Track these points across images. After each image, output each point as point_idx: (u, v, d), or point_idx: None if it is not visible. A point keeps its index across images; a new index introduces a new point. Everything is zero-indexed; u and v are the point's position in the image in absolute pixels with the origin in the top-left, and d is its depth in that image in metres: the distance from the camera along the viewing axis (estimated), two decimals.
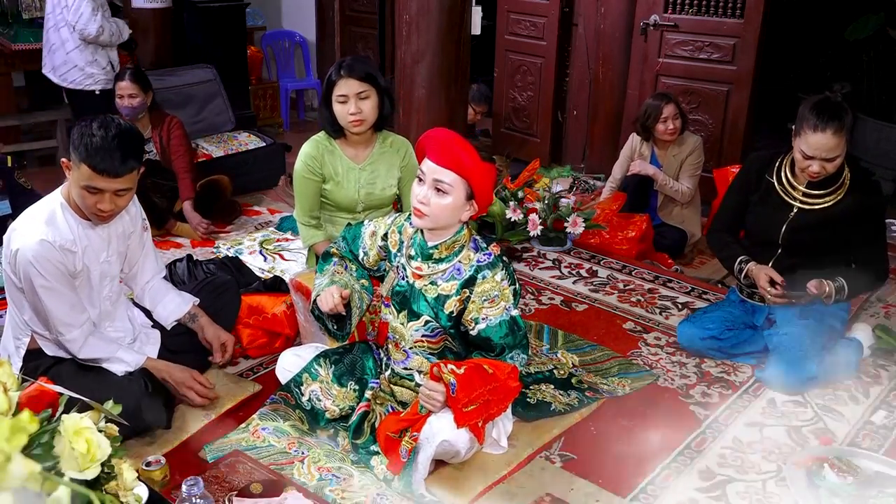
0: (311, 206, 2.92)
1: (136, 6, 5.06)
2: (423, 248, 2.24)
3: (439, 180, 2.10)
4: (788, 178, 2.72)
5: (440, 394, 2.08)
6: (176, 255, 3.44)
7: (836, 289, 2.66)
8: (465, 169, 2.09)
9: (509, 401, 2.18)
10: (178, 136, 4.03)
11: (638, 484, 2.20)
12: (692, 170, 3.86)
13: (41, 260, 2.17)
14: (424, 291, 2.23)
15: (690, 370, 2.80)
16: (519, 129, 5.26)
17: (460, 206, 2.13)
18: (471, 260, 2.20)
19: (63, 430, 1.28)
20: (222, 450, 2.25)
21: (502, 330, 2.18)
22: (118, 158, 2.11)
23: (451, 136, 2.13)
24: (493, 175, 2.19)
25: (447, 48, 3.84)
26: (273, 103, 6.10)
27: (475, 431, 2.11)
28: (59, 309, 2.24)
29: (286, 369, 2.48)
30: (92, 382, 2.22)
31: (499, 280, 2.18)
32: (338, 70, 2.73)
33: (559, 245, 3.82)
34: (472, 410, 2.06)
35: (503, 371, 2.12)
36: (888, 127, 4.51)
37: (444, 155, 2.09)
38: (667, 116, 3.76)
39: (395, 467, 2.12)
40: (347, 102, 2.72)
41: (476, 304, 2.18)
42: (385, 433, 2.19)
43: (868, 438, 2.44)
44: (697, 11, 4.31)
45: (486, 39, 5.13)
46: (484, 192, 2.15)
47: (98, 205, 2.17)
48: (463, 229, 2.22)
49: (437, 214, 2.13)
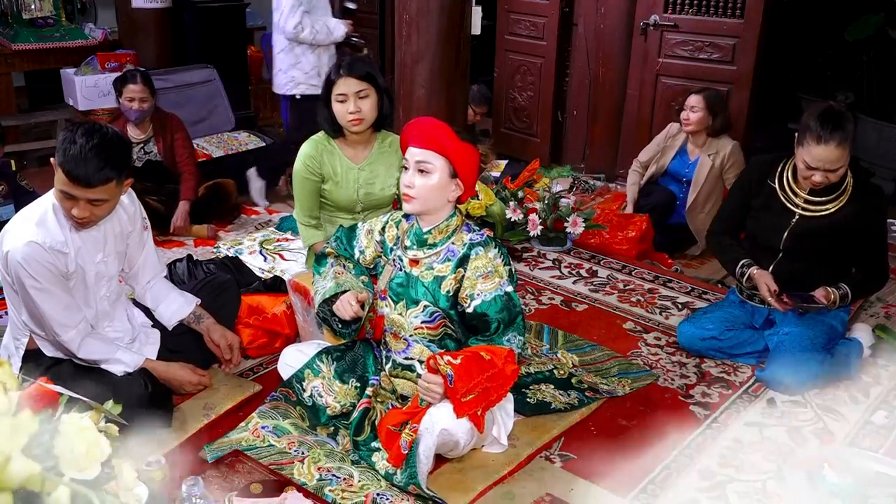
0: (310, 207, 2.92)
1: (136, 6, 5.07)
2: (418, 236, 2.29)
3: (421, 161, 2.18)
4: (790, 185, 2.72)
5: (438, 385, 2.09)
6: (176, 255, 3.44)
7: (841, 296, 2.68)
8: (444, 147, 2.17)
9: (508, 386, 2.17)
10: (181, 137, 4.04)
11: (638, 484, 2.20)
12: None
13: (30, 261, 2.16)
14: (421, 277, 2.27)
15: (690, 370, 2.80)
16: (519, 129, 5.26)
17: (445, 184, 2.19)
18: (464, 240, 2.26)
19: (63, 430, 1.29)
20: (222, 450, 2.25)
21: (497, 304, 2.20)
22: (93, 168, 2.07)
23: (427, 120, 2.24)
24: (473, 153, 2.25)
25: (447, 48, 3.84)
26: (273, 103, 6.08)
27: (475, 420, 2.11)
28: (53, 310, 2.23)
29: (288, 364, 2.49)
30: (92, 382, 2.22)
31: (492, 257, 2.23)
32: (337, 69, 2.74)
33: (559, 245, 3.82)
34: (471, 400, 2.07)
35: (500, 356, 2.13)
36: (888, 127, 4.52)
37: (421, 137, 2.19)
38: (688, 105, 3.78)
39: (397, 460, 2.12)
40: (347, 101, 2.72)
41: (470, 280, 2.21)
42: (386, 427, 2.19)
43: (868, 438, 2.44)
44: (697, 11, 4.30)
45: (486, 39, 5.13)
46: (467, 168, 2.21)
47: (73, 210, 2.14)
48: (455, 214, 2.28)
49: (424, 196, 2.19)
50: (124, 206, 2.40)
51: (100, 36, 5.31)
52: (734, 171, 3.74)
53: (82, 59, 5.00)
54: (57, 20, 5.27)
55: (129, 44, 5.24)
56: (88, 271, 2.32)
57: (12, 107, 5.15)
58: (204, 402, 2.49)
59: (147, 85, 3.86)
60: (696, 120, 3.77)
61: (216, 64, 4.97)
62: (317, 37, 4.12)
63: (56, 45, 5.16)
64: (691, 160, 3.89)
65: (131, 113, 3.87)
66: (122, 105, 3.87)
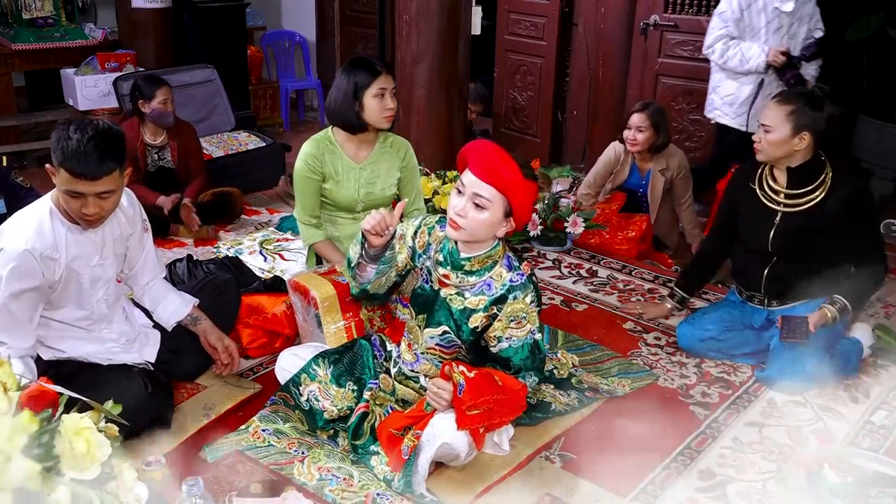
0: (311, 206, 2.92)
1: (136, 6, 5.07)
2: (454, 258, 2.19)
3: (479, 195, 2.05)
4: (769, 183, 2.73)
5: (447, 392, 2.08)
6: (176, 255, 3.44)
7: (839, 310, 2.64)
8: (507, 186, 2.04)
9: (513, 416, 2.19)
10: (196, 147, 4.09)
11: (638, 484, 2.20)
12: (687, 195, 3.78)
13: (14, 272, 2.12)
14: (450, 301, 2.21)
15: (690, 370, 2.80)
16: (519, 129, 5.26)
17: (497, 222, 2.10)
18: (503, 278, 2.17)
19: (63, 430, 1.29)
20: (222, 450, 2.25)
21: (524, 353, 2.19)
22: (95, 161, 2.06)
23: (495, 150, 2.08)
24: (534, 192, 2.14)
25: (447, 48, 3.84)
26: (273, 103, 6.10)
27: (475, 436, 2.11)
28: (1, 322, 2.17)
29: (285, 369, 2.49)
30: (92, 382, 2.21)
31: (528, 302, 2.17)
32: (373, 66, 2.77)
33: (559, 245, 3.82)
34: (475, 415, 2.06)
35: (513, 387, 2.13)
36: (888, 127, 4.51)
37: (485, 169, 2.04)
38: (632, 125, 3.68)
39: (396, 465, 2.12)
40: (384, 97, 2.75)
41: (503, 324, 2.17)
42: (388, 430, 2.19)
43: (868, 438, 2.44)
44: (697, 11, 4.31)
45: (486, 39, 5.13)
46: (523, 209, 2.10)
47: (83, 209, 2.13)
48: (498, 245, 2.19)
49: (473, 228, 2.09)
50: (123, 208, 2.39)
51: (100, 36, 5.31)
52: (684, 181, 3.76)
53: (82, 59, 5.00)
54: (57, 20, 5.26)
55: (129, 44, 5.23)
56: (83, 275, 2.29)
57: (12, 107, 5.14)
58: (204, 403, 2.49)
59: (168, 85, 3.88)
60: (643, 140, 3.67)
61: (216, 64, 4.97)
62: (742, 66, 3.71)
63: (56, 45, 5.15)
64: (642, 175, 3.84)
65: (168, 116, 3.85)
66: (155, 111, 3.81)
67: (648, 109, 3.68)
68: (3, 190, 3.19)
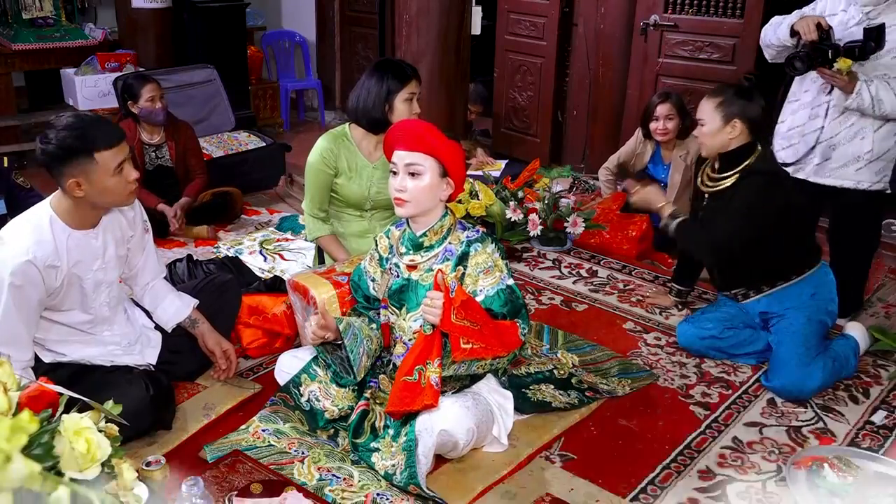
0: (321, 199, 2.94)
1: (136, 6, 5.07)
2: (412, 240, 2.29)
3: (411, 163, 2.19)
4: (707, 170, 2.79)
5: (440, 299, 2.06)
6: (176, 255, 3.44)
7: (673, 216, 2.79)
8: (433, 147, 2.18)
9: (501, 351, 2.16)
10: (194, 145, 4.08)
11: (638, 484, 2.20)
12: None
13: (18, 280, 2.11)
14: (422, 280, 2.27)
15: (690, 370, 2.80)
16: (519, 129, 5.26)
17: (437, 184, 2.21)
18: (460, 238, 2.27)
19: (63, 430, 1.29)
20: (222, 450, 2.25)
21: (501, 298, 2.22)
22: (109, 125, 2.19)
23: (411, 122, 2.27)
24: (459, 149, 2.28)
25: (447, 48, 3.85)
26: (273, 103, 6.10)
27: (431, 394, 2.08)
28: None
29: (284, 371, 2.50)
30: (92, 383, 2.22)
31: (490, 251, 2.24)
32: (404, 71, 2.81)
33: (559, 245, 3.82)
34: (462, 325, 2.06)
35: (503, 322, 2.19)
36: None
37: (408, 140, 2.20)
38: (659, 115, 3.73)
39: (433, 398, 2.08)
40: (412, 102, 2.82)
41: (472, 277, 2.23)
42: (401, 379, 2.14)
43: (868, 438, 2.44)
44: (697, 11, 4.31)
45: (486, 39, 5.13)
46: (456, 165, 2.23)
47: (129, 176, 2.19)
48: (447, 213, 2.30)
49: (417, 197, 2.20)
50: (124, 211, 2.39)
51: (100, 36, 5.31)
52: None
53: (82, 59, 5.00)
54: (57, 20, 5.27)
55: (129, 44, 5.24)
56: (86, 279, 2.28)
57: (12, 107, 5.14)
58: (204, 402, 2.50)
59: (156, 82, 3.88)
60: (673, 127, 3.72)
61: (216, 64, 4.97)
62: None
63: (56, 45, 5.16)
64: (665, 164, 3.87)
65: (158, 113, 3.84)
66: (145, 109, 3.81)
67: (671, 98, 3.75)
68: (4, 191, 3.19)
